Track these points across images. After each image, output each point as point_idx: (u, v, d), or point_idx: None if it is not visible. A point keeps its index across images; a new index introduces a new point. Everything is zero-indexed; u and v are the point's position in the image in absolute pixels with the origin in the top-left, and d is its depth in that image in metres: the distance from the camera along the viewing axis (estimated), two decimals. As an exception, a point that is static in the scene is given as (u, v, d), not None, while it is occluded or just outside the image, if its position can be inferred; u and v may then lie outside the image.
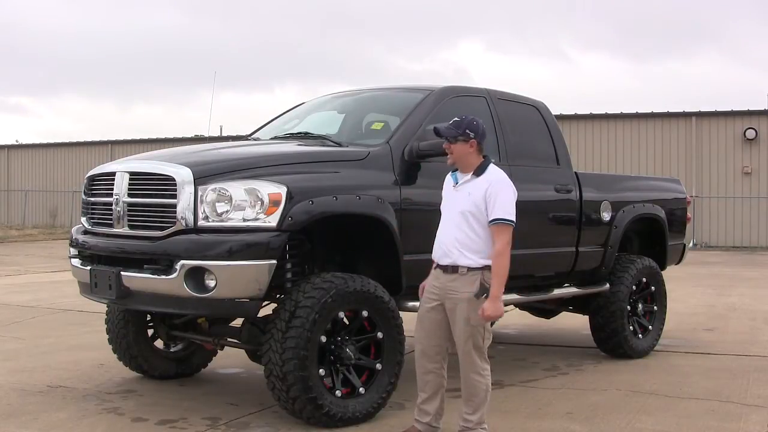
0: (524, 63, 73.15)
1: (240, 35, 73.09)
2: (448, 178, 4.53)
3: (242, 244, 4.52)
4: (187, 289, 4.54)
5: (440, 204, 4.52)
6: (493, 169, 4.39)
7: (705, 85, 59.34)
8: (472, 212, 4.27)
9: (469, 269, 4.25)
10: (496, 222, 4.23)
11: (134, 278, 4.76)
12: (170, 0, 77.28)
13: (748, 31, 61.41)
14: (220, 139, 21.78)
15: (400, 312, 5.08)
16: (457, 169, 4.48)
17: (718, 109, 23.87)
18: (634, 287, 7.19)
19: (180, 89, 77.35)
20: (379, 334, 4.93)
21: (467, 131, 4.34)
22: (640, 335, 7.24)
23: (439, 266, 4.38)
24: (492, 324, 4.48)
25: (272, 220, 4.59)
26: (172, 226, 4.67)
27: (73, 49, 76.23)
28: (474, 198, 4.28)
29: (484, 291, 4.21)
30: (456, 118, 4.43)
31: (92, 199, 5.36)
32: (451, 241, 4.30)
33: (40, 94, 79.48)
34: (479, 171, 4.35)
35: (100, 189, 5.27)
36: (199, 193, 4.61)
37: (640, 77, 63.59)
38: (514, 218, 4.26)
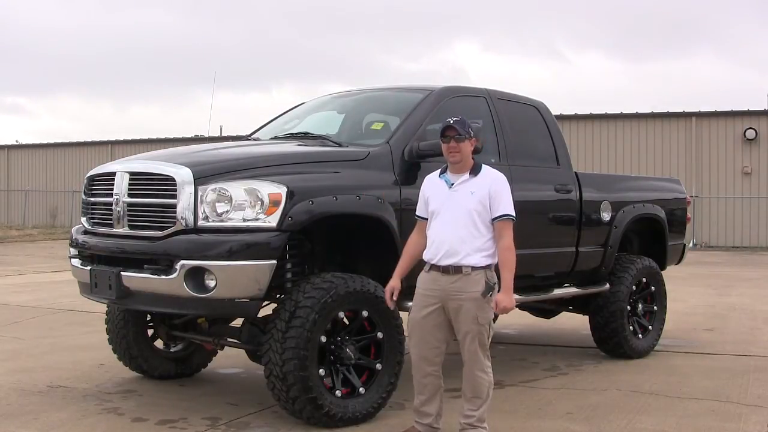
0: (521, 63, 73.28)
1: (236, 35, 73.16)
2: (436, 181, 4.49)
3: (242, 244, 4.53)
4: (187, 289, 4.54)
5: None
6: (487, 168, 4.49)
7: (705, 85, 59.39)
8: (478, 210, 4.30)
9: (473, 268, 4.26)
10: (503, 218, 4.30)
11: (134, 278, 4.76)
12: (166, -1, 77.33)
13: (748, 31, 61.47)
14: (220, 139, 21.79)
15: (400, 312, 5.08)
16: (444, 171, 4.48)
17: (718, 109, 23.87)
18: (634, 287, 7.19)
19: (176, 89, 77.38)
20: (379, 334, 4.93)
21: (470, 130, 4.40)
22: (640, 335, 7.24)
23: (436, 268, 4.35)
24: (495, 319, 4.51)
25: (272, 220, 4.59)
26: (172, 226, 4.67)
27: (69, 48, 76.32)
28: (479, 196, 4.31)
29: (489, 289, 4.25)
30: (455, 118, 4.43)
31: (92, 199, 5.36)
32: (457, 240, 4.29)
33: (36, 94, 79.56)
34: (475, 170, 4.40)
35: (100, 189, 5.27)
36: (199, 193, 4.61)
37: (637, 77, 63.66)
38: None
